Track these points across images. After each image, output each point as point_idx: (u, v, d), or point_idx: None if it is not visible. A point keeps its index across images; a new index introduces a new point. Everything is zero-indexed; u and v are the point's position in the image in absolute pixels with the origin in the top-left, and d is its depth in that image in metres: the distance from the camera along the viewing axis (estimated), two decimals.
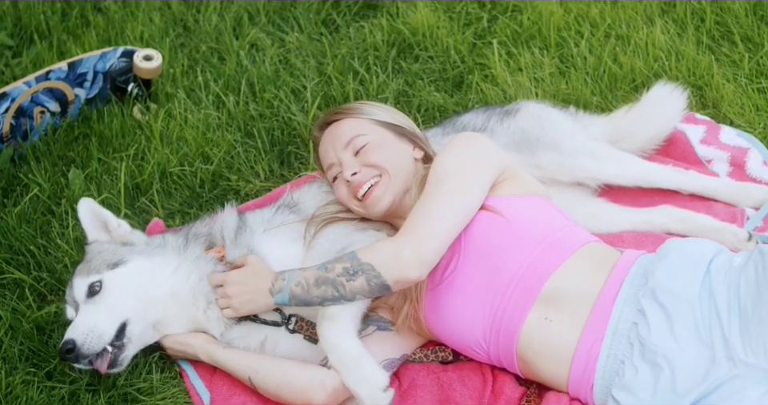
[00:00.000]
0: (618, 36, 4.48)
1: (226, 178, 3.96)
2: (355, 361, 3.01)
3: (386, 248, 3.02)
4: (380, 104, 3.45)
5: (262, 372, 3.16)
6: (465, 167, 3.13)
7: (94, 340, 3.12)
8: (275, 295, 3.11)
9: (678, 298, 2.87)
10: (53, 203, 3.82)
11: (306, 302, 3.08)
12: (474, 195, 3.10)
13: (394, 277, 2.98)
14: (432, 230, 3.01)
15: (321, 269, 3.06)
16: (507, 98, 4.18)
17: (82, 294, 3.22)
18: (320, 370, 3.09)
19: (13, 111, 3.95)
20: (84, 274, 3.26)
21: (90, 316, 3.18)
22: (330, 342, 3.03)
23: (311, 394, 3.08)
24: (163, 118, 4.14)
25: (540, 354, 3.02)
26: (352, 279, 3.01)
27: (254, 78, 4.34)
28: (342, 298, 3.04)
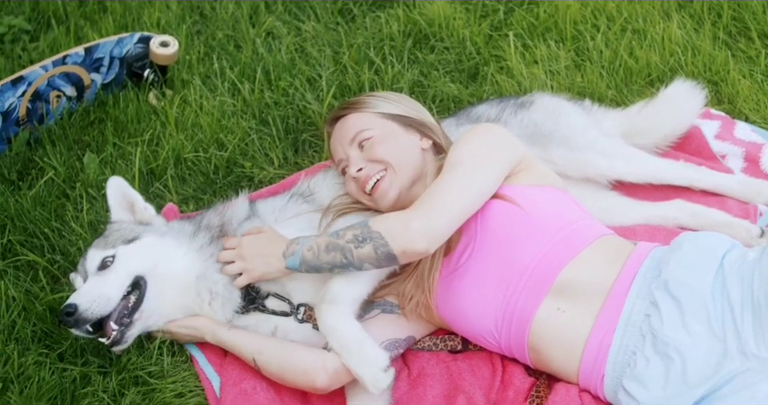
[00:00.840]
0: (634, 30, 4.47)
1: (240, 164, 3.96)
2: (355, 343, 3.03)
3: (397, 218, 3.04)
4: (390, 94, 3.44)
5: (266, 354, 3.18)
6: (481, 154, 3.14)
7: (101, 304, 3.14)
8: (287, 258, 3.13)
9: (690, 291, 2.87)
10: (67, 187, 3.84)
11: (316, 268, 3.10)
12: (489, 180, 3.11)
13: (401, 247, 3.00)
14: (444, 207, 3.02)
15: (332, 235, 3.09)
16: (522, 90, 4.18)
17: (93, 267, 3.25)
18: (322, 353, 3.11)
19: (29, 95, 3.97)
20: (100, 247, 3.30)
21: (97, 285, 3.20)
22: (328, 325, 3.05)
23: (313, 377, 3.09)
24: (178, 105, 4.15)
25: (551, 344, 3.03)
26: (360, 246, 3.02)
27: (270, 66, 4.35)
28: (350, 265, 3.06)
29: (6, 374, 3.20)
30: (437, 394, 3.21)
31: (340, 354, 3.05)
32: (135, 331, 3.22)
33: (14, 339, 3.30)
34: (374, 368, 3.01)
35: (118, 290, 3.20)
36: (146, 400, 3.18)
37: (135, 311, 3.21)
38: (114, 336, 3.16)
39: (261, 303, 3.27)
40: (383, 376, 3.01)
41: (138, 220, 3.43)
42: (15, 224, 3.67)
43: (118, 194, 3.45)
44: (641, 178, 3.73)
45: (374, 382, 3.01)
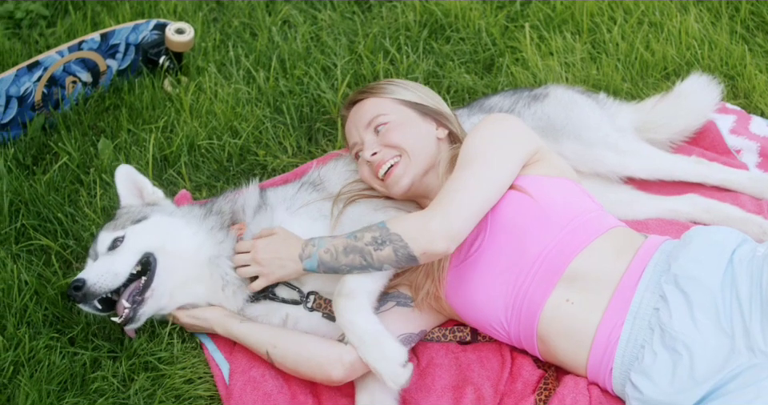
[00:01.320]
0: (651, 23, 4.45)
1: (253, 152, 3.97)
2: (373, 338, 3.02)
3: (415, 219, 3.04)
4: (408, 82, 3.44)
5: (280, 346, 3.18)
6: (496, 146, 3.13)
7: (109, 278, 3.17)
8: (304, 261, 3.12)
9: (700, 286, 2.87)
10: (81, 172, 3.85)
11: (334, 270, 3.10)
12: (505, 174, 3.10)
13: (422, 248, 3.00)
14: (461, 205, 3.01)
15: (350, 237, 3.07)
16: (537, 82, 4.17)
17: (104, 248, 3.28)
18: (338, 345, 3.11)
19: (45, 80, 3.98)
20: (110, 229, 3.33)
21: (106, 262, 3.23)
22: (346, 319, 3.05)
23: (329, 370, 3.09)
24: (193, 92, 4.16)
25: (560, 336, 3.03)
26: (380, 249, 3.02)
27: (285, 54, 4.35)
28: (370, 267, 3.06)
29: (18, 357, 3.22)
30: (445, 385, 3.22)
31: (358, 349, 3.04)
32: (147, 309, 3.23)
33: (25, 323, 3.32)
34: (392, 363, 3.00)
35: (126, 266, 3.23)
36: (155, 386, 3.20)
37: (146, 289, 3.23)
38: (126, 314, 3.18)
39: (271, 291, 3.28)
40: (402, 371, 3.00)
41: (146, 203, 3.46)
42: (29, 209, 3.69)
43: (126, 181, 3.48)
44: (651, 175, 3.71)
45: (393, 377, 3.00)
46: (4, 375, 3.18)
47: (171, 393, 3.18)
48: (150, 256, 3.27)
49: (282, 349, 3.18)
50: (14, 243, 3.60)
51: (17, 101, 3.94)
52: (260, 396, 3.15)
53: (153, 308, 3.26)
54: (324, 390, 3.23)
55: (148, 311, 3.24)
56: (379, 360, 3.01)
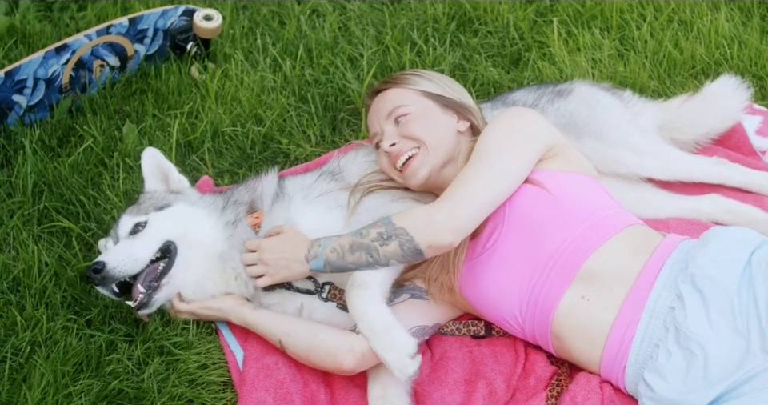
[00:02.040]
0: (681, 21, 4.43)
1: (276, 140, 3.99)
2: (383, 328, 3.03)
3: (420, 213, 3.04)
4: (433, 74, 3.43)
5: (293, 335, 3.19)
6: (511, 140, 3.12)
7: (128, 263, 3.20)
8: (310, 261, 3.13)
9: (716, 286, 2.85)
10: (106, 156, 3.88)
11: (341, 269, 3.10)
12: (518, 168, 3.10)
13: (427, 241, 3.00)
14: (469, 198, 3.01)
15: (356, 235, 3.08)
16: (564, 78, 4.16)
17: (125, 232, 3.31)
18: (350, 335, 3.12)
19: (73, 63, 4.01)
20: (133, 213, 3.36)
21: (127, 246, 3.26)
22: (358, 309, 3.06)
23: (340, 359, 3.10)
24: (219, 78, 4.18)
25: (575, 332, 3.02)
26: (386, 244, 3.03)
27: (312, 43, 4.36)
28: (377, 264, 3.06)
29: (35, 337, 3.25)
30: (458, 378, 3.22)
31: (368, 339, 3.05)
32: (161, 296, 3.26)
33: (44, 304, 3.36)
34: (401, 354, 3.01)
35: (146, 252, 3.25)
36: (169, 370, 3.22)
37: (164, 276, 3.26)
38: (140, 299, 3.21)
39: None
40: (410, 362, 3.01)
41: (170, 190, 3.48)
42: (52, 190, 3.73)
43: (152, 165, 3.50)
44: (671, 176, 3.69)
45: (401, 368, 3.01)
46: (21, 355, 3.21)
47: (185, 377, 3.21)
48: (171, 244, 3.29)
49: (294, 337, 3.19)
50: (37, 224, 3.63)
51: (44, 83, 3.97)
52: (272, 383, 3.16)
53: (168, 295, 3.28)
54: (336, 379, 3.25)
55: (162, 298, 3.27)
56: (388, 350, 3.02)
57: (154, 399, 3.13)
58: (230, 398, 3.19)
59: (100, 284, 3.19)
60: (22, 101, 3.95)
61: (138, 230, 3.30)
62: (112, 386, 3.14)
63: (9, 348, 3.21)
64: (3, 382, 3.14)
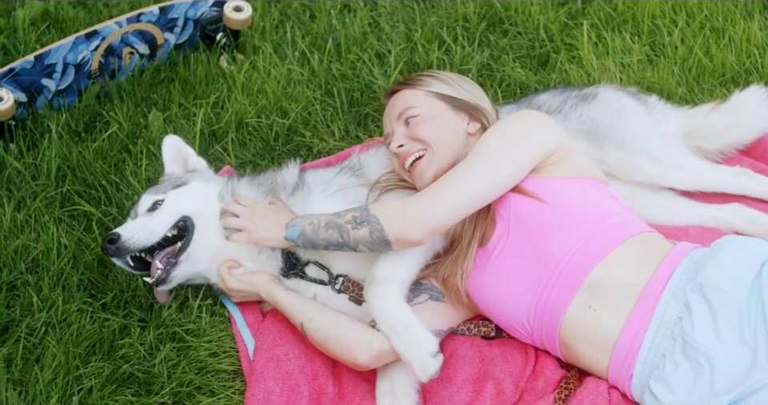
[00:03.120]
0: (713, 28, 4.39)
1: (300, 133, 4.00)
2: (404, 326, 3.04)
3: (396, 205, 3.07)
4: (449, 75, 3.41)
5: (316, 321, 3.20)
6: (507, 143, 3.12)
7: (143, 235, 3.25)
8: (288, 229, 3.17)
9: (725, 297, 2.83)
10: (130, 142, 3.92)
11: (312, 243, 3.14)
12: (506, 174, 3.09)
13: (395, 233, 3.02)
14: (447, 198, 3.03)
15: (335, 215, 3.12)
16: (591, 81, 4.14)
17: (144, 209, 3.37)
18: (370, 331, 3.12)
19: (102, 50, 4.05)
20: (153, 192, 3.42)
21: (144, 220, 3.32)
22: (378, 306, 3.07)
23: (356, 353, 3.11)
24: (247, 70, 4.20)
25: (582, 341, 3.02)
26: (357, 228, 3.05)
27: (342, 38, 4.37)
28: (345, 245, 3.09)
29: (50, 318, 3.28)
30: (466, 377, 3.22)
31: (388, 337, 3.06)
32: (180, 272, 3.29)
33: (61, 286, 3.39)
34: (423, 353, 3.02)
35: (162, 225, 3.30)
36: (180, 356, 3.25)
37: (182, 252, 3.29)
38: (158, 275, 3.25)
39: (301, 269, 3.31)
40: (432, 361, 3.01)
41: (188, 171, 3.53)
42: (76, 175, 3.77)
43: (172, 151, 3.56)
44: (691, 187, 3.66)
45: (423, 367, 3.02)
46: (36, 335, 3.25)
47: (195, 365, 3.24)
48: (188, 220, 3.34)
49: (316, 323, 3.20)
50: (59, 207, 3.67)
51: (74, 68, 4.01)
52: (281, 374, 3.18)
53: (187, 272, 3.32)
54: (345, 373, 3.26)
55: (181, 274, 3.30)
56: (410, 349, 3.03)
57: (163, 385, 3.16)
58: (239, 387, 3.22)
59: (115, 255, 3.24)
60: (51, 85, 3.99)
61: (156, 208, 3.35)
62: (123, 370, 3.17)
63: (24, 328, 3.25)
64: (16, 361, 3.18)
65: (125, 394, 3.13)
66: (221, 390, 3.19)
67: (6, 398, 3.06)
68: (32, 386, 3.11)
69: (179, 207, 3.35)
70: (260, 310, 3.42)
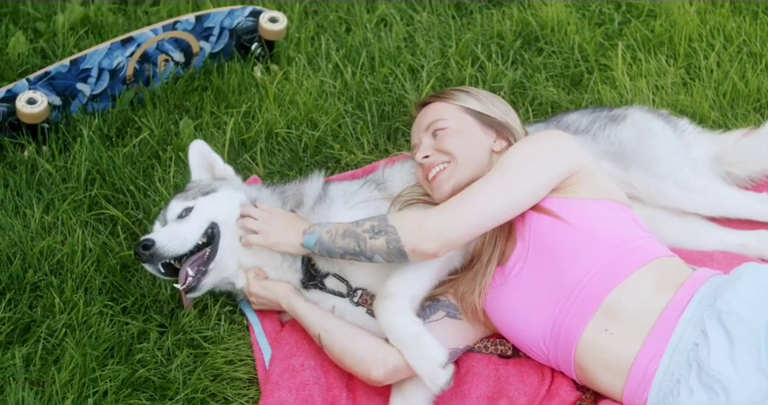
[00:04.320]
0: (750, 53, 4.36)
1: (329, 145, 4.02)
2: (413, 337, 3.04)
3: (414, 216, 3.08)
4: (481, 92, 3.42)
5: (332, 332, 3.21)
6: (529, 162, 3.12)
7: (177, 243, 3.27)
8: (306, 236, 3.19)
9: (743, 324, 2.80)
10: (160, 149, 3.95)
11: (329, 251, 3.15)
12: (527, 192, 3.09)
13: (412, 245, 3.02)
14: (465, 212, 3.03)
15: (353, 223, 3.13)
16: (623, 103, 4.12)
17: (173, 215, 3.39)
18: (386, 346, 3.12)
19: (138, 56, 4.09)
20: (182, 199, 3.45)
21: (176, 228, 3.34)
22: (386, 321, 3.08)
23: (370, 367, 3.12)
24: (279, 81, 4.23)
25: (597, 364, 3.00)
26: (374, 237, 3.06)
27: (376, 51, 4.38)
28: (361, 254, 3.09)
29: (71, 320, 3.32)
30: (480, 395, 3.22)
31: (399, 350, 3.06)
32: (209, 280, 3.31)
33: (83, 288, 3.43)
34: (431, 364, 3.02)
35: (194, 233, 3.33)
36: (197, 363, 3.27)
37: (210, 261, 3.31)
38: (189, 282, 3.28)
39: (320, 281, 3.33)
40: (441, 373, 3.02)
41: (216, 178, 3.56)
42: (105, 179, 3.81)
43: (199, 157, 3.58)
44: (717, 213, 3.63)
45: (432, 378, 3.02)
46: (56, 336, 3.28)
47: (211, 372, 3.25)
48: (215, 227, 3.36)
49: (333, 335, 3.21)
50: (87, 211, 3.71)
51: (109, 74, 4.06)
52: (296, 384, 3.19)
53: (216, 279, 3.34)
54: (360, 386, 3.26)
55: (210, 282, 3.32)
56: (419, 360, 3.03)
57: (178, 390, 3.18)
58: (253, 396, 3.23)
59: (147, 261, 3.26)
60: (85, 89, 4.04)
61: (185, 215, 3.37)
62: (139, 374, 3.20)
63: (44, 329, 3.29)
64: (35, 361, 3.21)
65: (139, 398, 3.15)
66: (235, 398, 3.21)
67: (23, 398, 3.09)
68: (48, 386, 3.14)
69: (208, 215, 3.38)
70: (279, 319, 3.44)
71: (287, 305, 3.32)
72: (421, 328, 3.06)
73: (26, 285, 3.44)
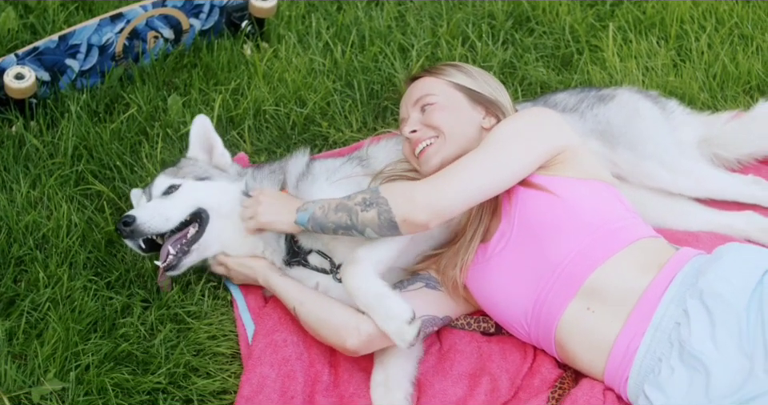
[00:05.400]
0: (741, 35, 4.36)
1: (317, 123, 4.02)
2: (376, 297, 3.05)
3: (404, 187, 3.08)
4: (471, 68, 3.40)
5: (307, 305, 3.22)
6: (519, 137, 3.11)
7: (159, 221, 3.27)
8: (299, 213, 3.19)
9: (725, 304, 2.80)
10: (148, 125, 3.95)
11: (322, 226, 3.15)
12: (515, 166, 3.08)
13: (402, 215, 3.02)
14: (454, 184, 3.02)
15: (345, 197, 3.14)
16: (613, 83, 4.12)
17: (159, 191, 3.39)
18: (358, 315, 3.12)
19: (127, 32, 4.09)
20: (171, 175, 3.44)
21: (159, 205, 3.34)
22: (352, 284, 3.08)
23: (345, 336, 3.12)
24: (269, 58, 4.22)
25: (578, 343, 3.00)
26: (366, 210, 3.06)
27: (366, 30, 4.38)
28: (354, 228, 3.09)
29: (54, 295, 3.32)
30: (462, 372, 3.22)
31: (368, 313, 3.07)
32: (190, 260, 3.32)
33: (68, 263, 3.43)
34: (397, 321, 3.02)
35: (178, 214, 3.32)
36: (180, 338, 3.27)
37: (194, 242, 3.32)
38: (170, 260, 3.28)
39: (303, 258, 3.33)
40: (408, 328, 3.01)
41: (213, 164, 3.54)
42: (92, 155, 3.80)
43: (201, 133, 3.56)
44: (703, 195, 3.63)
45: (400, 334, 3.02)
46: (40, 311, 3.29)
47: (193, 346, 3.25)
48: (204, 213, 3.35)
49: (308, 307, 3.22)
50: (73, 186, 3.70)
51: (98, 50, 4.05)
52: (278, 360, 3.19)
53: (196, 260, 3.35)
54: (342, 361, 3.27)
55: (190, 262, 3.33)
56: (385, 319, 3.04)
57: (161, 365, 3.18)
58: (235, 371, 3.23)
59: (128, 237, 3.27)
60: (74, 65, 4.04)
61: (171, 192, 3.37)
62: (122, 348, 3.20)
63: (28, 303, 3.29)
64: (18, 334, 3.21)
65: (122, 372, 3.15)
66: (217, 373, 3.21)
67: (5, 371, 3.10)
68: (31, 360, 3.15)
69: (197, 200, 3.37)
70: (262, 295, 3.44)
71: (264, 280, 3.34)
72: (385, 288, 3.06)
73: (10, 259, 3.44)
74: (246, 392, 3.11)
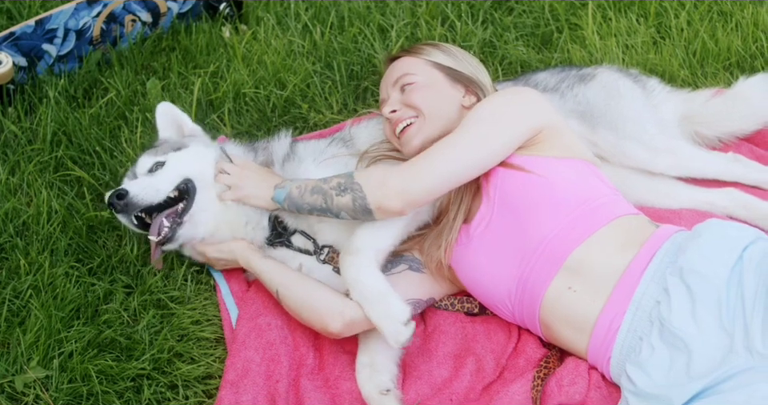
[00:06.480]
0: (720, 12, 4.35)
1: (298, 105, 4.00)
2: (377, 294, 3.04)
3: (378, 174, 3.07)
4: (450, 47, 3.39)
5: (290, 287, 3.22)
6: (495, 119, 3.10)
7: (151, 192, 3.27)
8: (276, 190, 3.20)
9: (705, 281, 2.80)
10: (127, 109, 3.93)
11: (297, 207, 3.16)
12: (492, 149, 3.07)
13: (376, 201, 3.03)
14: (428, 170, 3.02)
15: (321, 180, 3.14)
16: (593, 62, 4.11)
17: (144, 170, 3.38)
18: (343, 299, 3.12)
19: (104, 16, 4.06)
20: (152, 154, 3.43)
21: (148, 179, 3.33)
22: (351, 276, 3.07)
23: (327, 321, 3.12)
24: (248, 41, 4.20)
25: (562, 322, 3.01)
26: (341, 194, 3.07)
27: (345, 11, 4.36)
28: (328, 211, 3.10)
29: (36, 282, 3.30)
30: (447, 353, 3.22)
31: (362, 306, 3.07)
32: (184, 232, 3.30)
33: (49, 250, 3.41)
34: (394, 321, 3.02)
35: (167, 184, 3.31)
36: (163, 323, 3.26)
37: (185, 213, 3.31)
38: (165, 233, 3.27)
39: (287, 238, 3.32)
40: (404, 329, 3.02)
41: (184, 135, 3.55)
42: (71, 140, 3.78)
43: (166, 118, 3.56)
44: (683, 174, 3.63)
45: (395, 335, 3.02)
46: (22, 298, 3.27)
47: (177, 332, 3.25)
48: (189, 182, 3.35)
49: (290, 291, 3.21)
50: (53, 172, 3.68)
51: (75, 34, 4.02)
52: (262, 343, 3.19)
53: (190, 232, 3.32)
54: (326, 344, 3.27)
55: (185, 234, 3.31)
56: (382, 318, 3.03)
57: (144, 350, 3.17)
58: (220, 355, 3.23)
59: (122, 211, 3.25)
60: (51, 50, 4.01)
61: (156, 169, 3.36)
62: (105, 334, 3.19)
63: (9, 291, 3.27)
64: (0, 323, 3.19)
65: (105, 358, 3.14)
66: (201, 358, 3.20)
67: None
68: (14, 348, 3.14)
69: (181, 169, 3.36)
70: (245, 279, 3.43)
71: (245, 262, 3.33)
72: (386, 285, 3.06)
73: None
74: (230, 377, 3.10)
